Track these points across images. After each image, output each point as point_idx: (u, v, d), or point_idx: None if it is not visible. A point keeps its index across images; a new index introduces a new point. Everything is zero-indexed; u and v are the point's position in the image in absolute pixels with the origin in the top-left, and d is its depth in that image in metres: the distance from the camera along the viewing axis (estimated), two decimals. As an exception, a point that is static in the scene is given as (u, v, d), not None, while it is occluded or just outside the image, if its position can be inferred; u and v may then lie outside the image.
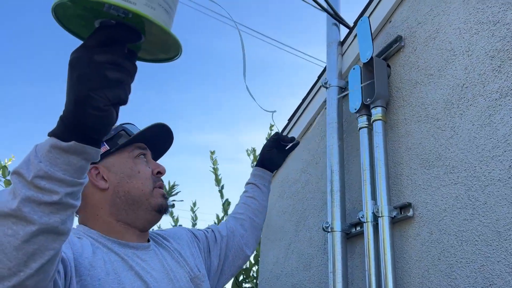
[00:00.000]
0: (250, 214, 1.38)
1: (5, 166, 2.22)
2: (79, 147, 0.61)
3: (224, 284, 1.28)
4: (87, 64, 0.57)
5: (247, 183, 1.48)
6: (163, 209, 1.07)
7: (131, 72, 0.61)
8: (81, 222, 1.04)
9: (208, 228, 1.32)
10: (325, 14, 2.08)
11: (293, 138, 1.51)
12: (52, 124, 0.63)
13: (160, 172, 1.09)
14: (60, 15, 0.62)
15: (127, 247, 1.00)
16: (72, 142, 0.61)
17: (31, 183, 0.60)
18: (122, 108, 0.64)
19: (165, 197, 1.09)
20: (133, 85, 0.63)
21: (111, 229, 1.01)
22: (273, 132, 2.58)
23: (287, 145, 1.48)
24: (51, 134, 0.62)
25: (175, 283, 1.01)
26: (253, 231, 1.37)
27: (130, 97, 0.63)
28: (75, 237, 0.96)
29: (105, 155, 1.04)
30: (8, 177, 2.29)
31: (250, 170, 1.53)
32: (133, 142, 1.08)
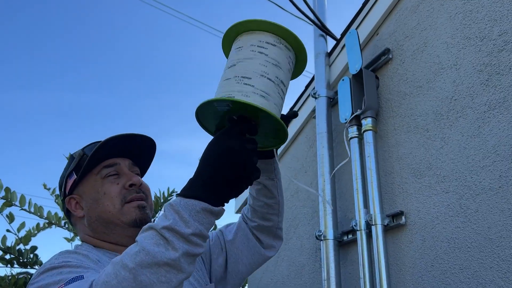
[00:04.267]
0: (259, 220, 1.18)
1: None
2: (223, 211, 0.76)
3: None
4: (244, 151, 0.74)
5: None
6: (139, 221, 1.01)
7: None
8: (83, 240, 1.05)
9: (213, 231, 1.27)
10: (311, 25, 2.13)
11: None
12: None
13: (133, 184, 1.03)
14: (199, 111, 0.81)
15: None
16: (221, 208, 0.75)
17: (187, 239, 0.70)
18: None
19: (142, 207, 1.02)
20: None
21: (107, 248, 1.02)
22: None
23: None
24: (193, 197, 0.73)
25: None
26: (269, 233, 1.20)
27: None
28: (85, 250, 0.97)
29: (76, 185, 1.05)
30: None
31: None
32: (98, 162, 1.04)
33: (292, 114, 1.03)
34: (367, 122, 1.67)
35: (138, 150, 1.11)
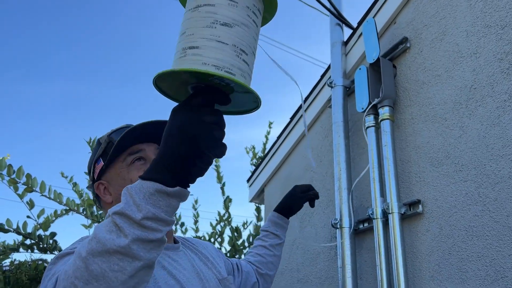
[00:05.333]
0: (266, 269, 1.42)
1: (10, 165, 2.20)
2: (182, 191, 0.69)
3: None
4: (199, 125, 0.65)
5: (264, 230, 1.48)
6: None
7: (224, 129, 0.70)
8: None
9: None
10: (328, 14, 2.12)
11: (310, 187, 1.52)
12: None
13: None
14: (158, 79, 0.70)
15: None
16: (177, 188, 0.68)
17: (139, 223, 0.65)
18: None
19: None
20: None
21: None
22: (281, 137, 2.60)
23: (307, 195, 1.50)
24: (148, 178, 0.67)
25: (205, 283, 1.04)
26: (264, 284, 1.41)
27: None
28: None
29: (104, 171, 1.07)
30: (13, 176, 2.26)
31: (250, 167, 1.55)
32: (124, 149, 1.06)
33: (314, 195, 1.40)
34: (384, 111, 1.68)
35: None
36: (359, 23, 2.00)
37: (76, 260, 0.66)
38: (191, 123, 0.65)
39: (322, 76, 2.23)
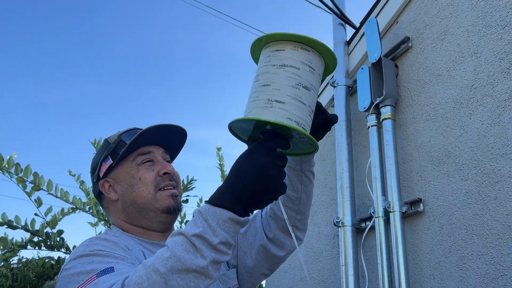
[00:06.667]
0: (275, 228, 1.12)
1: (17, 163, 2.24)
2: (248, 221, 0.78)
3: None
4: (275, 167, 0.76)
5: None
6: (172, 209, 1.06)
7: None
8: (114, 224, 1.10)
9: None
10: (331, 14, 2.13)
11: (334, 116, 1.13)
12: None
13: (167, 172, 1.08)
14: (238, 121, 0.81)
15: (159, 246, 1.05)
16: (246, 218, 0.78)
17: (215, 247, 0.74)
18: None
19: (175, 195, 1.08)
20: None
21: (136, 233, 1.07)
22: None
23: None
24: (221, 206, 0.76)
25: None
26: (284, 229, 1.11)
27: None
28: (114, 236, 1.01)
29: (111, 169, 1.09)
30: (21, 174, 2.30)
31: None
32: (133, 149, 1.09)
33: (333, 118, 0.93)
34: (386, 111, 1.69)
35: (171, 139, 1.16)
36: (362, 23, 2.01)
37: (152, 275, 0.72)
38: (269, 166, 0.75)
39: (325, 75, 2.24)
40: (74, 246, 2.46)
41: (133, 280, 0.73)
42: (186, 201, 2.83)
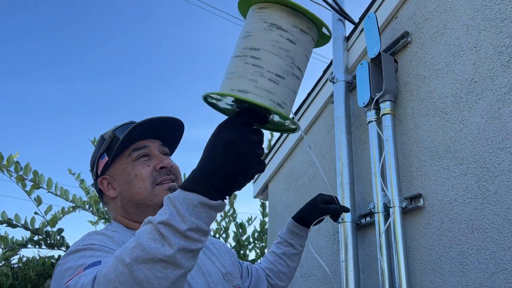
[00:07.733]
0: (276, 278, 1.36)
1: (17, 161, 2.24)
2: (223, 204, 0.72)
3: None
4: (245, 144, 0.69)
5: (280, 236, 1.39)
6: None
7: None
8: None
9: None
10: (330, 10, 2.12)
11: (334, 200, 1.36)
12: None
13: (164, 166, 1.06)
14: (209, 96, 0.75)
15: None
16: (220, 201, 0.71)
17: (184, 234, 0.68)
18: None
19: (173, 189, 1.05)
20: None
21: (137, 228, 1.06)
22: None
23: (328, 208, 1.34)
24: (191, 190, 0.70)
25: (207, 277, 1.05)
26: None
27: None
28: (113, 231, 1.01)
29: (108, 166, 1.08)
30: (21, 173, 2.30)
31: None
32: (128, 145, 1.07)
33: (344, 209, 1.27)
34: (385, 106, 1.68)
35: (168, 131, 1.13)
36: (361, 18, 2.00)
37: (118, 265, 0.68)
38: (238, 142, 0.69)
39: (325, 71, 2.23)
40: (75, 245, 2.46)
41: (103, 272, 0.70)
42: None
